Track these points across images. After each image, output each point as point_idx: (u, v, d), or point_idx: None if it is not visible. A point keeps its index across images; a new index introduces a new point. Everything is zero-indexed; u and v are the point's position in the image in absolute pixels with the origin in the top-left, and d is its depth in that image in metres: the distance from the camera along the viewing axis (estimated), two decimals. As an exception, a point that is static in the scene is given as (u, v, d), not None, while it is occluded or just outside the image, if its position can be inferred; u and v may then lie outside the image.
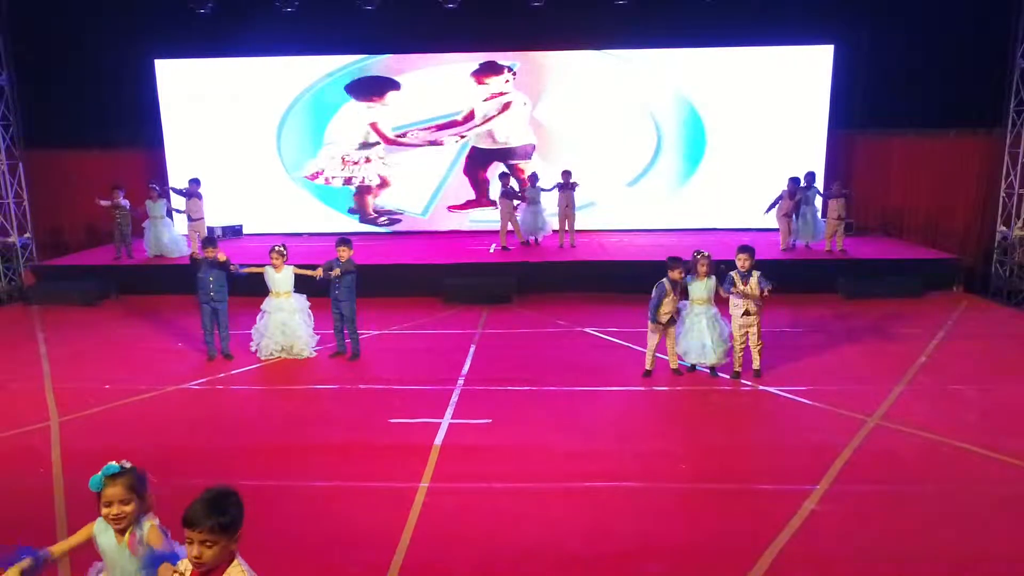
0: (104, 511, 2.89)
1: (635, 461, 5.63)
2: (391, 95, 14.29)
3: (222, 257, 7.94)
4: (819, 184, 12.84)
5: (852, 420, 6.32)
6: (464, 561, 4.37)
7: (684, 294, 7.39)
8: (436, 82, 14.22)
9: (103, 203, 12.10)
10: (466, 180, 14.59)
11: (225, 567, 2.57)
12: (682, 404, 6.97)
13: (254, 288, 8.46)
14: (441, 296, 11.05)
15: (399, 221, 14.75)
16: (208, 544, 2.51)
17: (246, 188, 14.50)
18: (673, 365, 7.57)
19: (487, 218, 14.27)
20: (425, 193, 14.66)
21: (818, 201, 12.49)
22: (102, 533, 2.97)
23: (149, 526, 2.93)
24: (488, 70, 14.20)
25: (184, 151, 14.38)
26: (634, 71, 14.05)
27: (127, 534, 2.91)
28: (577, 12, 13.20)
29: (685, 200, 14.34)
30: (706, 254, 7.22)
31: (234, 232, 14.35)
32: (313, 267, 8.15)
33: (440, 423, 6.38)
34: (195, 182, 12.43)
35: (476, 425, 6.36)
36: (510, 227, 12.62)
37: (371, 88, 14.33)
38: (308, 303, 8.37)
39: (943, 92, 12.90)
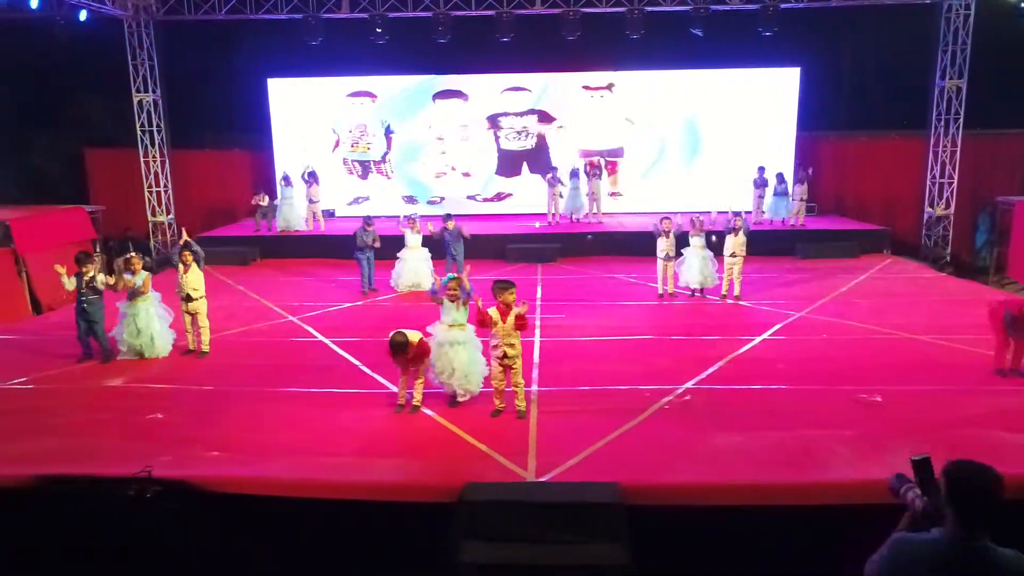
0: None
1: (649, 328, 9.71)
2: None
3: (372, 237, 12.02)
4: (788, 178, 16.64)
5: (786, 315, 10.28)
6: (566, 361, 8.34)
7: (683, 244, 11.29)
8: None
9: (255, 201, 16.01)
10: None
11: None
12: (680, 308, 10.98)
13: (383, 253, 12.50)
14: (504, 258, 14.90)
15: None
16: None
17: (339, 180, 18.36)
18: (671, 290, 11.44)
19: (528, 204, 18.10)
20: (478, 183, 18.60)
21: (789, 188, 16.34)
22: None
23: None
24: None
25: (289, 150, 18.24)
26: (643, 88, 18.00)
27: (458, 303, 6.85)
28: (596, 43, 16.93)
29: (685, 188, 18.24)
30: (701, 219, 11.18)
31: (328, 214, 18.20)
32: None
33: (535, 317, 10.33)
34: (312, 174, 16.34)
35: (557, 319, 10.35)
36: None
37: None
38: (430, 253, 12.32)
39: (887, 104, 16.95)
